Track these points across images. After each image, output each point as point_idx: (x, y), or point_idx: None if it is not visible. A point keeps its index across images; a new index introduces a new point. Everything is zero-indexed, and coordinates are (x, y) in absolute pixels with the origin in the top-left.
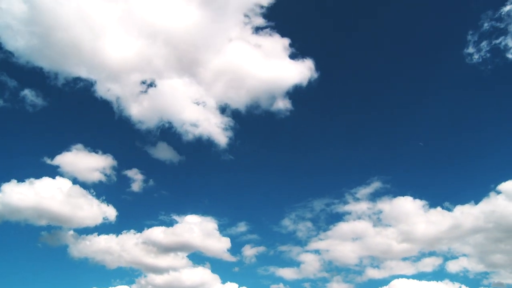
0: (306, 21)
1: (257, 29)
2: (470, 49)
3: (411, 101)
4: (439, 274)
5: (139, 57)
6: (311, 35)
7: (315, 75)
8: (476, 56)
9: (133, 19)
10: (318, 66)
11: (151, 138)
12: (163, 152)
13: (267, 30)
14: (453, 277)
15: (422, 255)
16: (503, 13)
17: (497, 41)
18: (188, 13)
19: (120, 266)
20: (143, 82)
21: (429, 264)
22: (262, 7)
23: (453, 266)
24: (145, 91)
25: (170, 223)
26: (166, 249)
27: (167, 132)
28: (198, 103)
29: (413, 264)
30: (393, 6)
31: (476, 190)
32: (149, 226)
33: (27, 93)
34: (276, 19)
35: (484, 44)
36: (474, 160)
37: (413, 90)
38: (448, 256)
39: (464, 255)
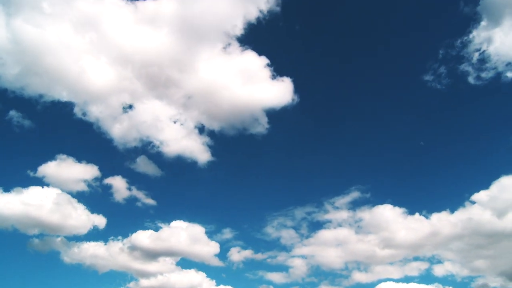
0: (284, 42)
1: (233, 49)
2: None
3: (387, 115)
4: (426, 278)
5: (117, 80)
6: (288, 55)
7: (292, 92)
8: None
9: (108, 44)
10: (295, 84)
11: (132, 155)
12: (145, 166)
13: (244, 50)
14: (441, 281)
15: (406, 260)
16: (462, 40)
17: (458, 67)
18: (163, 34)
19: (111, 271)
20: (122, 104)
21: (414, 268)
22: (238, 27)
23: (439, 270)
24: (124, 112)
25: (157, 229)
26: (155, 255)
27: (148, 150)
28: (175, 122)
29: (398, 268)
30: (365, 31)
31: (451, 200)
32: (136, 233)
33: (13, 114)
34: (254, 40)
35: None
36: (448, 171)
37: (388, 105)
38: (433, 261)
39: (448, 260)
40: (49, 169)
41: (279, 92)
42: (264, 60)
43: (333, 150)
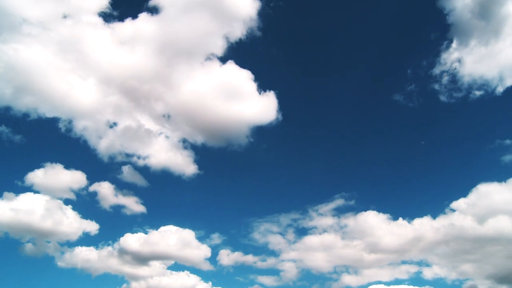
0: (266, 57)
1: (215, 65)
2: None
3: (367, 127)
4: (416, 281)
5: (101, 97)
6: (271, 70)
7: (276, 105)
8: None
9: (91, 64)
10: (279, 97)
11: (118, 166)
12: (132, 177)
13: (225, 65)
14: (431, 283)
15: (395, 264)
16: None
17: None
18: (144, 52)
19: (103, 275)
20: (107, 120)
21: (404, 271)
22: (219, 44)
23: (428, 274)
24: (110, 127)
25: (147, 234)
26: (145, 259)
27: (134, 163)
28: (160, 136)
29: (388, 271)
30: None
31: (433, 207)
32: (127, 237)
33: (3, 129)
34: (235, 55)
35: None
36: (428, 181)
37: (369, 117)
38: (422, 265)
39: (436, 264)
40: (37, 177)
41: (263, 106)
42: (246, 75)
43: (316, 161)
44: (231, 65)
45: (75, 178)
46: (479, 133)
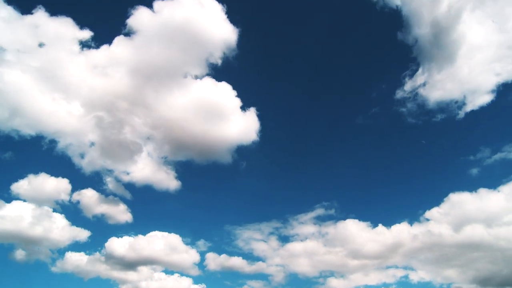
0: (246, 77)
1: (193, 84)
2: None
3: (345, 141)
4: (404, 285)
5: (82, 118)
6: (252, 90)
7: (257, 122)
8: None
9: (72, 87)
10: (260, 114)
11: (100, 179)
12: (116, 189)
13: (204, 84)
14: (418, 287)
15: (380, 269)
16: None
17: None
18: (123, 75)
19: (93, 279)
20: (88, 139)
21: (390, 275)
22: (198, 64)
23: (413, 278)
24: (91, 146)
25: (134, 240)
26: (134, 263)
27: (117, 177)
28: (142, 154)
29: (374, 276)
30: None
31: (408, 214)
32: (115, 243)
33: None
34: (215, 75)
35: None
36: (403, 190)
37: (344, 130)
38: (407, 269)
39: (421, 269)
40: (25, 184)
41: (246, 123)
42: (226, 94)
43: (296, 173)
44: (210, 84)
45: (60, 187)
46: (445, 150)
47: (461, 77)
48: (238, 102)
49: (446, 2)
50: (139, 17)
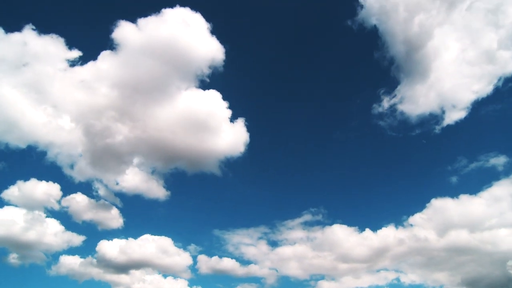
0: (234, 91)
1: (179, 98)
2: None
3: (328, 152)
4: (395, 287)
5: (71, 130)
6: (240, 102)
7: (245, 133)
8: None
9: (61, 101)
10: (249, 127)
11: (90, 189)
12: (107, 196)
13: (198, 92)
14: None
15: (371, 272)
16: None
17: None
18: (108, 89)
19: (87, 282)
20: (77, 150)
21: (381, 278)
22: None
23: (405, 280)
24: (79, 156)
25: (126, 243)
26: (126, 267)
27: (108, 186)
28: (130, 166)
29: (365, 278)
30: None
31: (393, 219)
32: (108, 247)
33: None
34: (209, 84)
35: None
36: (388, 196)
37: (328, 144)
38: (398, 271)
39: (411, 272)
40: (16, 190)
41: (233, 134)
42: (214, 107)
43: (284, 181)
44: (197, 97)
45: (52, 192)
46: (425, 160)
47: (436, 93)
48: (226, 114)
49: (417, 20)
50: (125, 32)
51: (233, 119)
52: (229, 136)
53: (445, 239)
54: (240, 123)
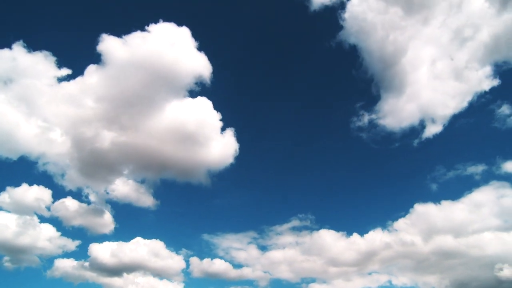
0: (227, 100)
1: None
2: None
3: (313, 162)
4: None
5: (61, 143)
6: (232, 111)
7: (235, 142)
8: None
9: (50, 115)
10: (238, 137)
11: (81, 196)
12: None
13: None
14: None
15: (362, 274)
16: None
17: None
18: (93, 102)
19: (82, 284)
20: (68, 163)
21: (374, 280)
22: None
23: (396, 283)
24: (69, 169)
25: (119, 246)
26: (119, 270)
27: (98, 194)
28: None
29: (356, 281)
30: None
31: (379, 224)
32: (101, 250)
33: None
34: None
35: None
36: (372, 201)
37: (313, 155)
38: (390, 274)
39: (401, 276)
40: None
41: (222, 145)
42: (203, 118)
43: (272, 188)
44: (186, 109)
45: (43, 196)
46: (405, 168)
47: (414, 108)
48: (216, 124)
49: (393, 38)
50: (111, 46)
51: (222, 129)
52: (218, 146)
53: (431, 243)
54: (230, 133)
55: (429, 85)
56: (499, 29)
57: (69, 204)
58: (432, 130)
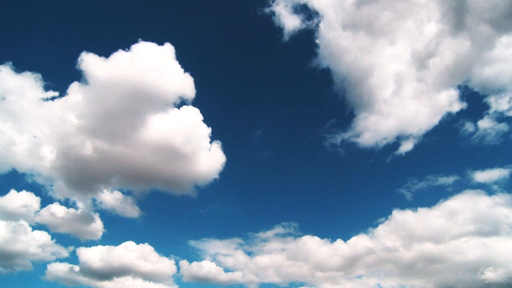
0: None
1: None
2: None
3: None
4: None
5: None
6: (218, 125)
7: (221, 152)
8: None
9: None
10: (224, 149)
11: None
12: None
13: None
14: None
15: (349, 278)
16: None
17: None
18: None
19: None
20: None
21: (364, 284)
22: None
23: (385, 286)
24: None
25: (109, 250)
26: (109, 274)
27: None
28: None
29: (345, 285)
30: None
31: (360, 230)
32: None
33: None
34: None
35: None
36: (353, 209)
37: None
38: (378, 277)
39: (389, 279)
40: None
41: (209, 158)
42: (190, 131)
43: (258, 197)
44: (170, 123)
45: (30, 202)
46: (382, 179)
47: (386, 126)
48: (202, 138)
49: (365, 59)
50: (94, 65)
51: (209, 142)
52: (205, 159)
53: (413, 249)
54: (216, 145)
55: (398, 105)
56: (458, 51)
57: (57, 210)
58: (404, 147)
